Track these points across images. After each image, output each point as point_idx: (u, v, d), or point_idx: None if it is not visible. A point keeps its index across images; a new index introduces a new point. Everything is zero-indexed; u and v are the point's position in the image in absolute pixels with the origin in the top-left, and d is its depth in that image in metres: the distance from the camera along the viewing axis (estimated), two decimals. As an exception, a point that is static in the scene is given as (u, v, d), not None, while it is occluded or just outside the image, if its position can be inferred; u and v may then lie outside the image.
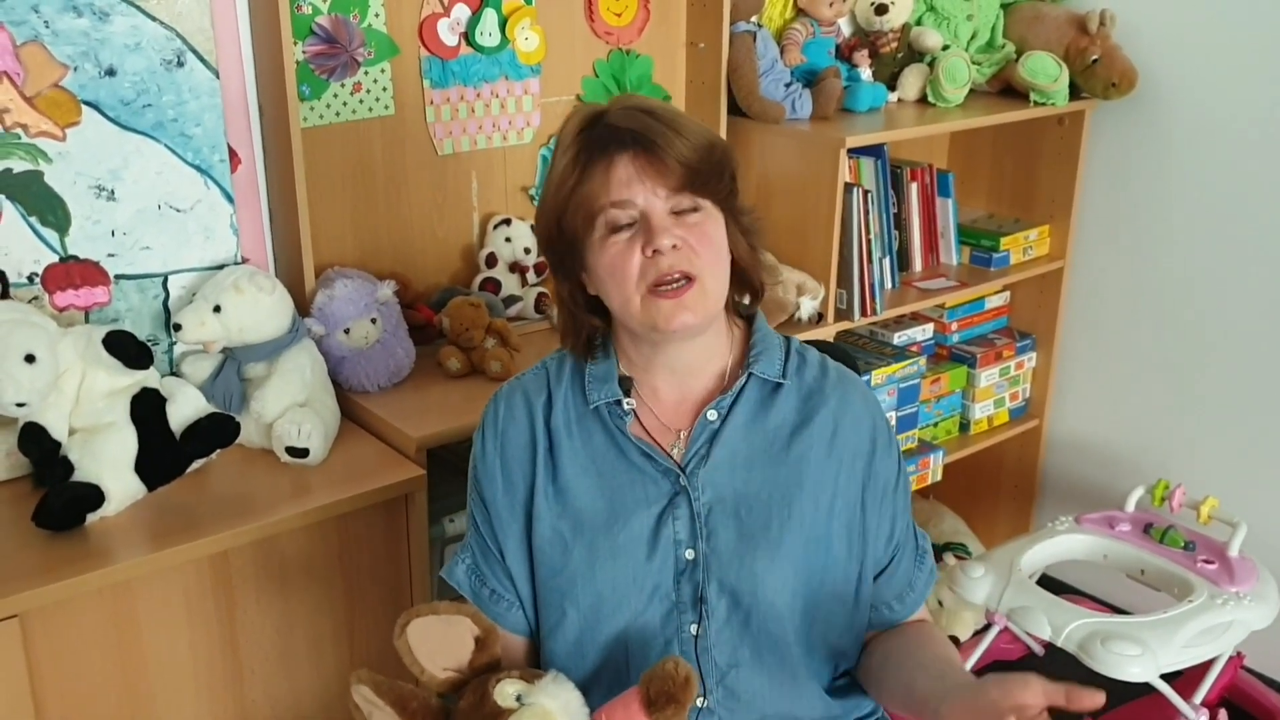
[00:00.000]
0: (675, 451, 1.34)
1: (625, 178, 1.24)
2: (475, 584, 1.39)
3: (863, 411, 1.37)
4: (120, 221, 1.79)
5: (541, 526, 1.33)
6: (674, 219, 1.25)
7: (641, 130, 1.24)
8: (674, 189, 1.25)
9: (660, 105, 1.30)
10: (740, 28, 2.33)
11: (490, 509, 1.37)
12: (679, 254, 1.24)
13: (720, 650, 1.31)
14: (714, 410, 1.34)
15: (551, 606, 1.34)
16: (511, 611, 1.37)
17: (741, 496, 1.31)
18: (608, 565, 1.30)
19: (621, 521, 1.31)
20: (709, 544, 1.30)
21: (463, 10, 2.08)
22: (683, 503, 1.31)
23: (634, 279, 1.25)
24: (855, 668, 1.41)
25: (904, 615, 1.41)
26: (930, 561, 1.44)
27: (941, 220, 2.70)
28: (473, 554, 1.40)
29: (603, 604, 1.30)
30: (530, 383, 1.40)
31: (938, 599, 2.65)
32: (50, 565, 1.48)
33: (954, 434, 2.78)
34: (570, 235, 1.28)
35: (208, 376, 1.81)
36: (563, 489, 1.34)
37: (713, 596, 1.30)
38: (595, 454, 1.34)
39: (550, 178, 1.30)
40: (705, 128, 1.30)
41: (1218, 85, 2.51)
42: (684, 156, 1.23)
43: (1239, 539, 2.24)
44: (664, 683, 1.13)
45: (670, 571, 1.30)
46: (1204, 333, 2.63)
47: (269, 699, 1.70)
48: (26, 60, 1.66)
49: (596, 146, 1.25)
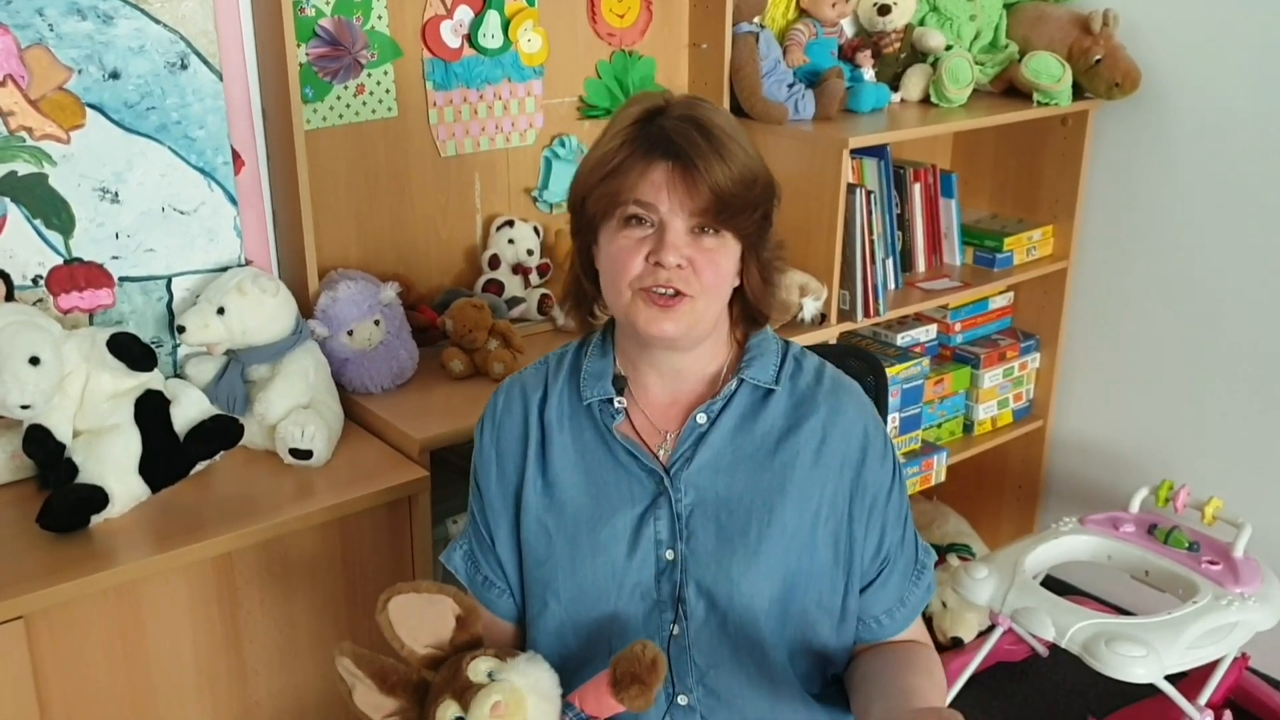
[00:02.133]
0: (662, 453, 1.34)
1: (656, 184, 1.24)
2: (470, 569, 1.42)
3: (854, 421, 1.35)
4: (124, 224, 1.79)
5: (528, 518, 1.36)
6: (690, 237, 1.26)
7: (687, 146, 1.23)
8: (697, 212, 1.25)
9: (719, 124, 1.27)
10: (743, 28, 2.33)
11: (485, 497, 1.40)
12: (681, 273, 1.25)
13: (699, 650, 1.32)
14: (703, 414, 1.34)
15: (534, 596, 1.37)
16: (502, 598, 1.41)
17: (723, 500, 1.32)
18: (588, 561, 1.32)
19: (605, 519, 1.32)
20: (688, 545, 1.31)
21: (465, 12, 2.08)
22: (664, 503, 1.32)
23: (631, 276, 1.26)
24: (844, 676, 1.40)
25: (893, 631, 1.38)
26: (929, 578, 1.40)
27: (945, 221, 2.70)
28: (470, 540, 1.43)
29: (584, 597, 1.32)
30: (530, 377, 1.42)
31: (941, 600, 2.65)
32: (55, 567, 1.48)
33: (958, 435, 2.77)
34: (592, 212, 1.30)
35: (211, 378, 1.81)
36: (551, 482, 1.35)
37: (691, 597, 1.31)
38: (585, 450, 1.36)
39: (592, 152, 1.30)
40: (756, 159, 1.28)
41: (1221, 85, 2.50)
42: (718, 184, 1.23)
43: (1244, 540, 2.24)
44: (630, 664, 1.17)
45: (651, 570, 1.31)
46: (1208, 333, 2.63)
47: (272, 700, 1.70)
48: (31, 63, 1.66)
49: (642, 144, 1.25)
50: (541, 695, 1.19)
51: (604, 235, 1.30)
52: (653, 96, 1.31)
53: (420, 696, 1.23)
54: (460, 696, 1.18)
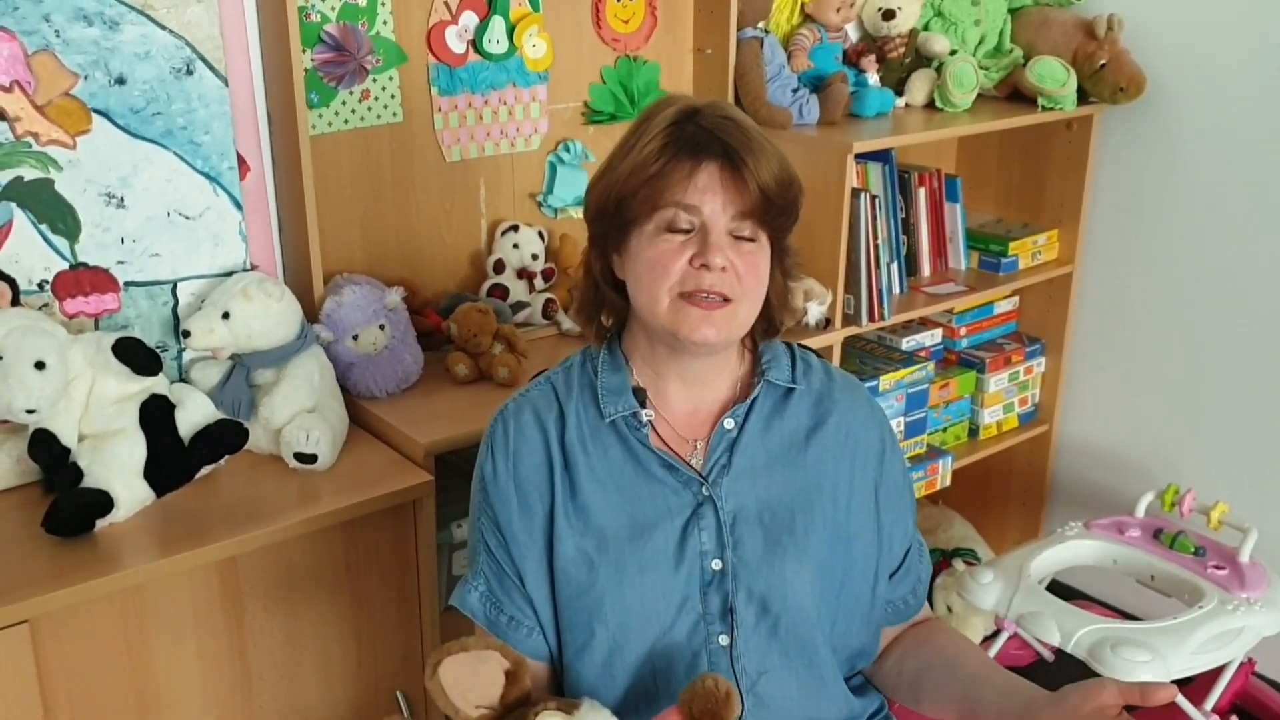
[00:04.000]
0: (694, 461, 1.33)
1: (704, 184, 1.23)
2: (491, 611, 1.34)
3: (870, 413, 1.40)
4: (130, 229, 1.80)
5: (564, 548, 1.30)
6: (730, 240, 1.24)
7: (734, 144, 1.22)
8: (743, 212, 1.23)
9: (751, 124, 1.26)
10: (747, 34, 2.33)
11: (505, 533, 1.33)
12: (725, 276, 1.24)
13: (750, 659, 1.30)
14: (731, 419, 1.34)
15: (578, 627, 1.31)
16: (532, 637, 1.34)
17: (764, 503, 1.31)
18: (636, 580, 1.28)
19: (646, 535, 1.29)
20: (736, 553, 1.29)
21: (471, 17, 2.09)
22: (708, 513, 1.30)
23: (672, 281, 1.24)
24: (874, 668, 1.43)
25: (916, 609, 1.44)
26: (926, 554, 1.47)
27: (950, 225, 2.70)
28: (486, 580, 1.35)
29: (631, 619, 1.28)
30: (538, 399, 1.36)
31: (946, 605, 2.64)
32: (59, 571, 1.48)
33: (963, 439, 2.77)
34: (627, 217, 1.27)
35: (216, 383, 1.81)
36: (583, 507, 1.31)
37: (741, 605, 1.29)
38: (613, 468, 1.32)
39: (624, 157, 1.27)
40: (784, 160, 1.27)
41: (1226, 89, 2.50)
42: (765, 183, 1.22)
43: (1250, 544, 2.23)
44: (706, 700, 1.11)
45: (697, 583, 1.29)
46: (1214, 337, 2.62)
47: (276, 705, 1.70)
48: (37, 69, 1.67)
49: (686, 145, 1.23)
50: None
51: (636, 240, 1.27)
52: (681, 98, 1.28)
53: None
54: None
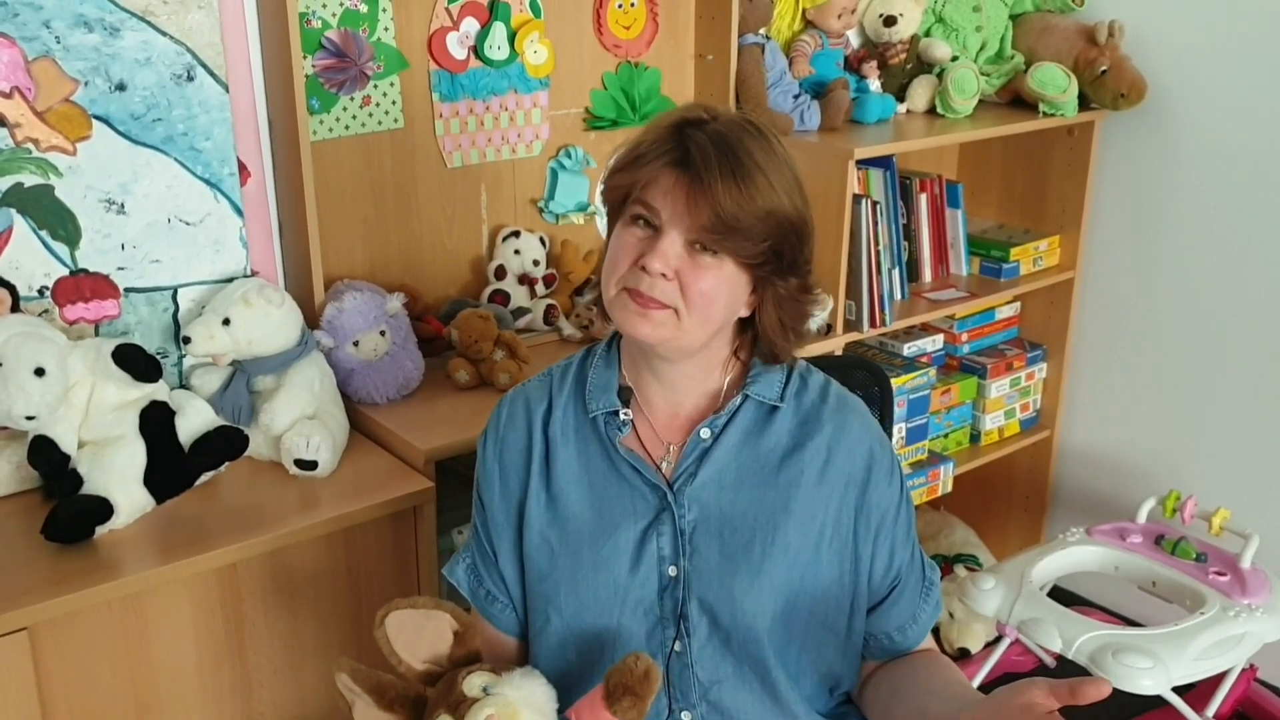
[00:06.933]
0: (665, 466, 1.33)
1: (665, 189, 1.22)
2: (473, 583, 1.41)
3: (860, 440, 1.33)
4: (130, 235, 1.80)
5: (531, 533, 1.34)
6: (687, 250, 1.22)
7: (701, 162, 1.20)
8: (695, 228, 1.22)
9: (752, 152, 1.22)
10: (748, 40, 2.33)
11: (488, 511, 1.39)
12: (665, 283, 1.22)
13: (702, 667, 1.31)
14: (707, 429, 1.32)
15: (536, 610, 1.36)
16: (505, 613, 1.39)
17: (727, 516, 1.30)
18: (590, 576, 1.31)
19: (609, 534, 1.31)
20: (691, 561, 1.30)
21: (471, 24, 2.09)
22: (668, 519, 1.31)
23: (620, 273, 1.25)
24: (857, 695, 1.40)
25: (905, 647, 1.37)
26: (936, 594, 1.39)
27: (951, 231, 2.69)
28: (473, 554, 1.42)
29: (585, 612, 1.31)
30: (534, 389, 1.40)
31: (948, 611, 2.64)
32: (59, 578, 1.48)
33: (964, 445, 2.77)
34: (613, 201, 1.29)
35: (217, 389, 1.81)
36: (555, 496, 1.34)
37: (693, 614, 1.30)
38: (589, 463, 1.34)
39: (631, 140, 1.28)
40: (785, 197, 1.23)
41: (1227, 95, 2.50)
42: (722, 206, 1.19)
43: (1251, 551, 2.23)
44: (623, 675, 1.16)
45: (654, 586, 1.30)
46: (1215, 342, 2.62)
47: (276, 712, 1.70)
48: (38, 75, 1.67)
49: (664, 149, 1.23)
50: (536, 710, 1.19)
51: (614, 228, 1.29)
52: (700, 108, 1.27)
53: (419, 712, 1.23)
54: (455, 711, 1.18)
